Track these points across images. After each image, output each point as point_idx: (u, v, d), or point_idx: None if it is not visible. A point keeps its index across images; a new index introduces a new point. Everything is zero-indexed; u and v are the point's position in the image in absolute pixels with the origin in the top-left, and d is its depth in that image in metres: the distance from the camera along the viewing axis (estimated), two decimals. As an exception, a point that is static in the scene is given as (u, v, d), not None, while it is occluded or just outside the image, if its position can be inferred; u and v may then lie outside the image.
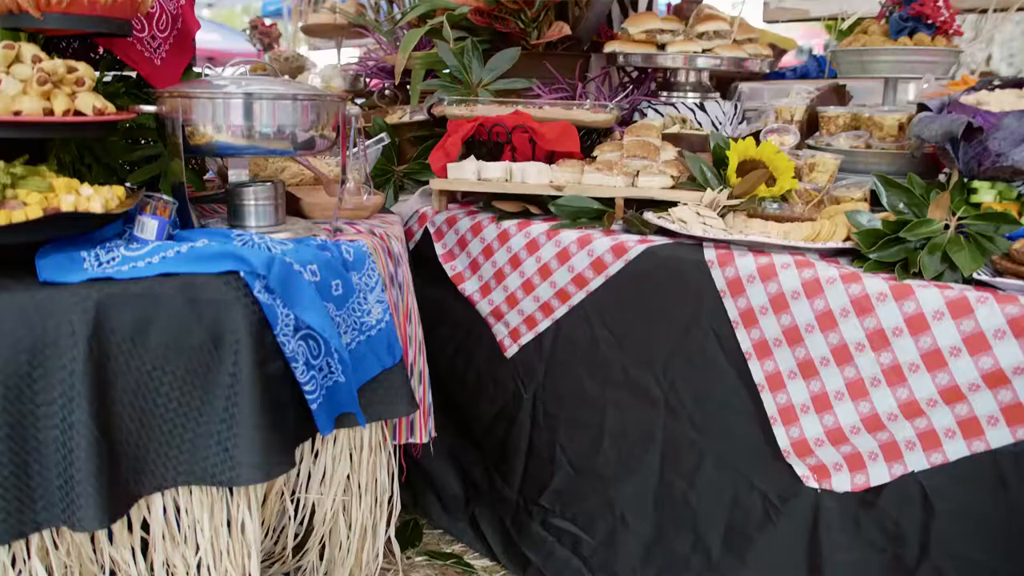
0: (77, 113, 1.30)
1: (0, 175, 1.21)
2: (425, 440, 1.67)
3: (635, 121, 2.17)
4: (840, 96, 2.05)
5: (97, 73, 1.65)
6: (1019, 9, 1.89)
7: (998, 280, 1.28)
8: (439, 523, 2.06)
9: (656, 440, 1.62)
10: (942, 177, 1.68)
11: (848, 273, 1.38)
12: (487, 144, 1.91)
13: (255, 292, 1.26)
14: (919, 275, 1.35)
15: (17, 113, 1.24)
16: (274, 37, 3.35)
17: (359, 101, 2.78)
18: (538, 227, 1.75)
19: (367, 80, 2.61)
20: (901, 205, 1.51)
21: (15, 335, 1.11)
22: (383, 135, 1.87)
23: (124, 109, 1.62)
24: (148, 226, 1.33)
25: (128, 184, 1.53)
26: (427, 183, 2.02)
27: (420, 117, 2.25)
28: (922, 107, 1.60)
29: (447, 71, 2.16)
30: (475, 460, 1.98)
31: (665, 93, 2.16)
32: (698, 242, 1.57)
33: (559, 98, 2.16)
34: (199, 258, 1.26)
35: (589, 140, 1.95)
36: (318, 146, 1.48)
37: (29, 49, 1.32)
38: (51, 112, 1.27)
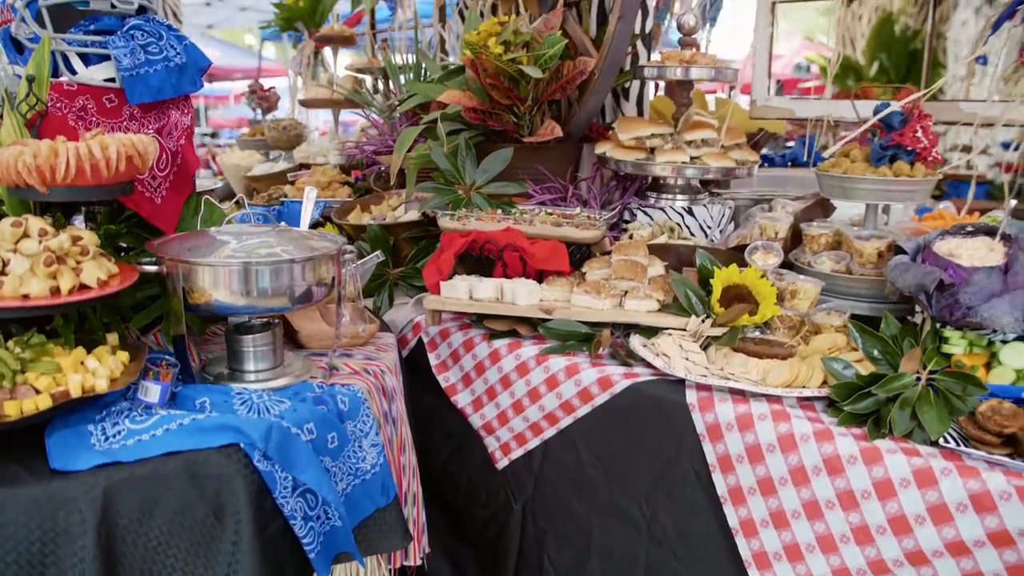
0: (82, 285, 1.36)
1: (10, 361, 1.27)
2: (419, 561, 1.74)
3: (626, 223, 2.23)
4: (825, 207, 2.10)
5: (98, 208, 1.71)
6: (1005, 125, 1.93)
7: (963, 449, 1.34)
8: (434, 615, 2.13)
9: (640, 564, 1.69)
10: (917, 315, 1.73)
11: (821, 430, 1.44)
12: (479, 257, 1.97)
13: (255, 462, 1.33)
14: (891, 430, 1.42)
15: (25, 296, 1.30)
16: (272, 102, 3.39)
17: (355, 175, 2.84)
18: (528, 350, 1.81)
19: (364, 161, 2.65)
20: (875, 352, 1.57)
21: (28, 526, 1.18)
22: (378, 252, 1.93)
23: (127, 256, 1.68)
24: (151, 391, 1.40)
25: (132, 330, 1.59)
26: (422, 287, 2.08)
27: (414, 215, 2.30)
28: (898, 249, 1.65)
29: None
30: (469, 558, 2.05)
31: (654, 194, 2.21)
32: (681, 379, 1.63)
33: (551, 199, 2.22)
34: (200, 430, 1.33)
35: (579, 254, 2.00)
36: (315, 296, 1.53)
37: (35, 224, 1.37)
38: (57, 290, 1.33)
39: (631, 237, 2.09)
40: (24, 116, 1.52)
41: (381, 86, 2.70)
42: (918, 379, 1.48)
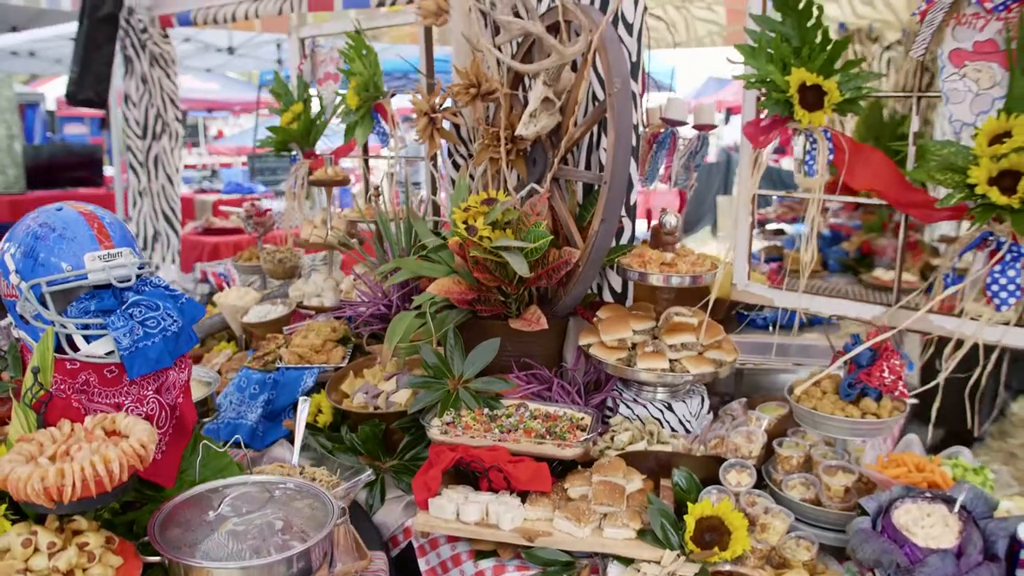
0: (90, 597, 1.46)
1: None
2: None
3: (609, 409, 2.32)
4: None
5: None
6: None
7: None
8: None
9: None
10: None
11: None
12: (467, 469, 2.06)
13: None
14: None
15: (38, 624, 1.40)
16: (268, 226, 3.44)
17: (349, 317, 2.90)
18: (511, 576, 1.91)
19: (356, 323, 2.71)
20: (836, 618, 1.67)
21: None
22: (369, 472, 2.01)
23: (128, 514, 1.77)
24: None
25: None
26: (410, 484, 2.17)
27: (405, 394, 2.39)
28: (861, 509, 1.74)
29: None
30: None
31: (637, 384, 2.29)
32: (654, 630, 1.73)
33: (537, 390, 2.30)
34: None
35: (561, 466, 2.09)
36: (314, 568, 1.63)
37: (45, 537, 1.46)
38: (68, 607, 1.43)
39: (612, 439, 2.18)
40: (29, 405, 1.60)
41: (374, 233, 2.76)
42: (874, 655, 1.58)
